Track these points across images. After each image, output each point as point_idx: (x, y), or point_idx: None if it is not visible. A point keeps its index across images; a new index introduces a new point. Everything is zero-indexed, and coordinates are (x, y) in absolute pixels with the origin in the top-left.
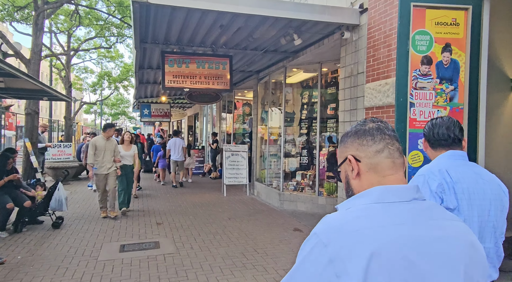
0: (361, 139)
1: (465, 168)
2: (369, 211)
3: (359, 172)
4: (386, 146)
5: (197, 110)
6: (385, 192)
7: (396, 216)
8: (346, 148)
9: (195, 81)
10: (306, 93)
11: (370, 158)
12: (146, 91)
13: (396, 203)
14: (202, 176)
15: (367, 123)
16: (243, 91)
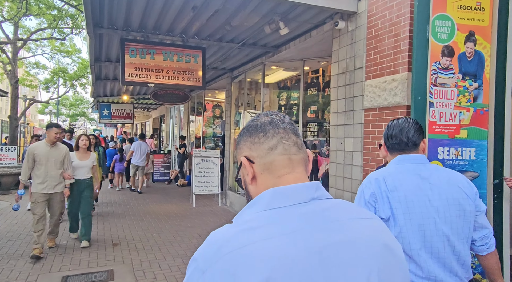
0: (253, 137)
1: (409, 174)
2: (256, 221)
3: (254, 175)
4: (280, 141)
5: (163, 111)
6: (275, 195)
7: (287, 223)
8: (240, 150)
9: (161, 75)
10: (284, 94)
11: (262, 157)
12: (106, 88)
13: (290, 207)
14: (167, 183)
15: (260, 118)
16: (214, 91)
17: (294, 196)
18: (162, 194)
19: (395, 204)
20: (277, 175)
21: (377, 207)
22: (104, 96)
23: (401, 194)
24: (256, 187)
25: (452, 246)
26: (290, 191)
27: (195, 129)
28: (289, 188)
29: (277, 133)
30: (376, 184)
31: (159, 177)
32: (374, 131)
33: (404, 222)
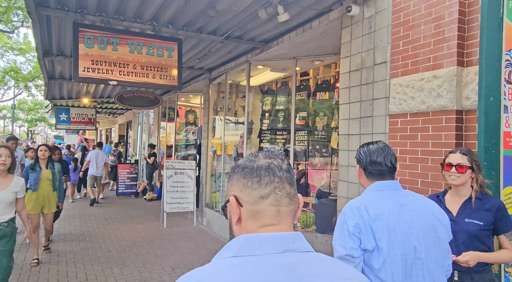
0: (247, 179)
1: (388, 201)
2: (222, 267)
3: (240, 217)
4: (273, 191)
5: (130, 117)
6: (247, 243)
7: (251, 273)
8: (231, 187)
9: (126, 71)
10: (268, 98)
11: (252, 204)
12: (62, 90)
13: (259, 257)
14: (134, 197)
15: (258, 159)
16: (188, 95)
17: (267, 245)
18: (128, 210)
19: (378, 234)
20: (261, 224)
21: (362, 238)
22: (61, 98)
23: (384, 223)
24: (240, 230)
25: (432, 275)
26: (262, 240)
27: (166, 136)
28: (262, 236)
29: (272, 181)
30: (358, 214)
31: (124, 190)
32: (405, 144)
33: (388, 252)
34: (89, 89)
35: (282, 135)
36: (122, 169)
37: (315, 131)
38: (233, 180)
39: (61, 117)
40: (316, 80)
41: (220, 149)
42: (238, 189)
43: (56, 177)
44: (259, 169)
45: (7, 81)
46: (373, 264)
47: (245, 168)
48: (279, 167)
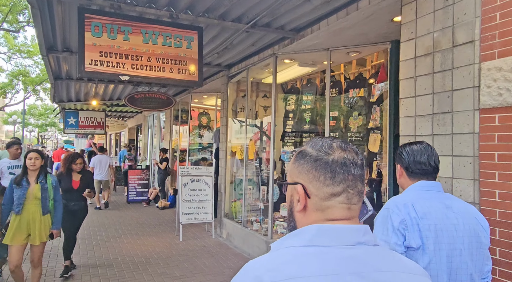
0: (319, 173)
1: (434, 201)
2: (295, 256)
3: (306, 208)
4: (345, 190)
5: (141, 120)
6: (320, 233)
7: (326, 264)
8: (298, 172)
9: (140, 64)
10: (292, 97)
11: (322, 199)
12: (69, 91)
13: (332, 248)
14: (145, 205)
15: (333, 152)
16: (201, 95)
17: (339, 237)
18: (139, 220)
19: (425, 233)
20: (330, 218)
21: (407, 235)
22: (68, 101)
23: (431, 222)
24: (305, 218)
25: (473, 280)
26: (335, 231)
27: (178, 140)
28: (335, 227)
29: (346, 180)
30: (405, 210)
31: (135, 197)
32: (506, 147)
33: (434, 252)
34: (98, 90)
35: (309, 137)
36: (133, 175)
37: (349, 133)
38: (301, 168)
39: (69, 121)
40: (349, 75)
41: (240, 154)
42: (307, 179)
43: (48, 194)
44: (334, 164)
45: (15, 84)
46: (417, 262)
47: (318, 160)
48: (354, 163)
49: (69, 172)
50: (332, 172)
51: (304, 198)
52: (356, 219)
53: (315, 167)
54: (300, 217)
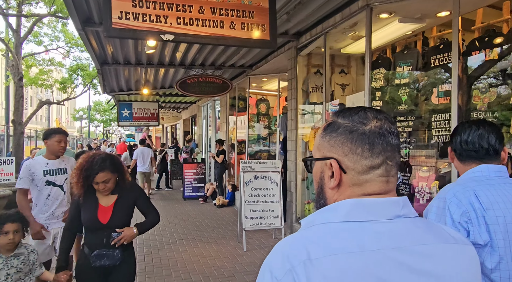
0: (355, 145)
1: (502, 189)
2: (330, 233)
3: (340, 183)
4: (384, 161)
5: (195, 111)
6: (356, 208)
7: (367, 240)
8: (331, 145)
9: (189, 18)
10: (380, 71)
11: (360, 173)
12: (119, 79)
13: (370, 223)
14: (202, 202)
15: (369, 121)
16: (261, 78)
17: (377, 211)
18: (196, 220)
19: (493, 227)
20: (367, 193)
21: (471, 229)
22: (120, 91)
23: (499, 213)
24: (337, 195)
25: None
26: (373, 205)
27: (235, 130)
28: (372, 201)
29: (385, 150)
30: (467, 200)
31: (191, 193)
32: None
33: (505, 250)
34: (148, 77)
35: (406, 121)
36: (188, 169)
37: (473, 113)
38: (334, 141)
39: (123, 113)
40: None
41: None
42: (342, 153)
43: None
44: (372, 135)
45: (74, 79)
46: (484, 262)
47: (353, 131)
48: (391, 133)
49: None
50: (370, 143)
51: (339, 173)
52: (394, 191)
53: (351, 139)
54: (333, 194)
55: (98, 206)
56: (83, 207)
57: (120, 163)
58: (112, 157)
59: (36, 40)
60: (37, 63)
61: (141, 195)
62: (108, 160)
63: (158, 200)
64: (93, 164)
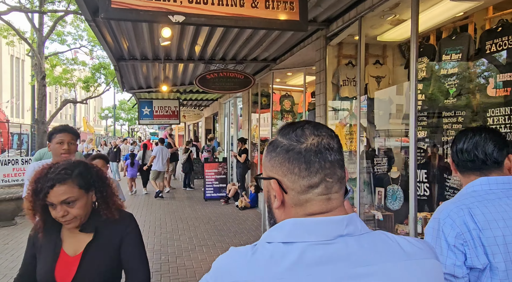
0: (292, 165)
1: (503, 204)
2: (264, 254)
3: (284, 203)
4: (323, 180)
5: (216, 108)
6: (295, 228)
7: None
8: (272, 166)
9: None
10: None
11: (299, 193)
12: (137, 76)
13: (309, 245)
14: (224, 203)
15: (306, 138)
16: (284, 73)
17: (317, 231)
18: (217, 224)
19: (491, 248)
20: (309, 213)
21: (468, 252)
22: (139, 88)
23: (498, 233)
24: (284, 215)
25: None
26: (312, 225)
27: (258, 128)
28: (312, 221)
29: (323, 168)
30: (460, 220)
31: (212, 194)
32: None
33: (506, 273)
34: (167, 73)
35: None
36: (209, 168)
37: None
38: (274, 161)
39: (143, 111)
40: None
41: (346, 142)
42: (281, 173)
43: None
44: (308, 153)
45: (97, 78)
46: None
47: (289, 150)
48: (330, 149)
49: (54, 227)
50: (307, 162)
51: (280, 193)
52: (341, 209)
53: (288, 158)
54: (280, 214)
55: (58, 254)
56: (38, 252)
57: (101, 176)
58: (84, 164)
59: (60, 39)
60: (61, 62)
61: (133, 232)
62: (76, 167)
63: (180, 200)
64: (49, 172)
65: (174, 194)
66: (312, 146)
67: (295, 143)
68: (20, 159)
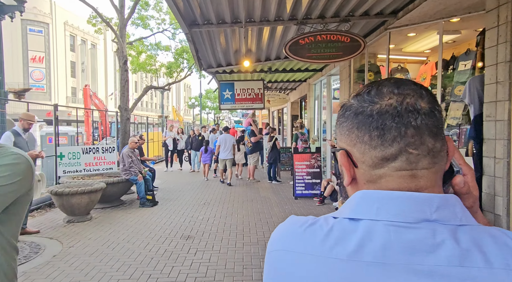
0: (362, 131)
1: None
2: (324, 228)
3: (356, 180)
4: (403, 150)
5: (305, 90)
6: (363, 202)
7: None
8: (340, 134)
9: None
10: None
11: (370, 166)
12: (215, 49)
13: (380, 224)
14: (319, 203)
15: (381, 98)
16: (406, 32)
17: (390, 208)
18: None
19: None
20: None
21: None
22: (218, 66)
23: None
24: (355, 192)
25: None
26: (386, 200)
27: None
28: (386, 195)
29: (403, 136)
30: None
31: (303, 191)
32: None
33: None
34: (249, 45)
35: None
36: (300, 161)
37: None
38: (342, 128)
39: (224, 95)
40: None
41: None
42: (350, 142)
43: None
44: (381, 117)
45: (180, 63)
46: None
47: (358, 113)
48: (415, 111)
49: None
50: (380, 128)
51: (349, 167)
52: (433, 189)
53: (357, 124)
54: (352, 192)
55: None
56: None
57: None
58: None
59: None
60: (145, 49)
61: None
62: None
63: (266, 197)
64: None
65: (259, 188)
66: (388, 107)
67: (366, 104)
68: (101, 147)
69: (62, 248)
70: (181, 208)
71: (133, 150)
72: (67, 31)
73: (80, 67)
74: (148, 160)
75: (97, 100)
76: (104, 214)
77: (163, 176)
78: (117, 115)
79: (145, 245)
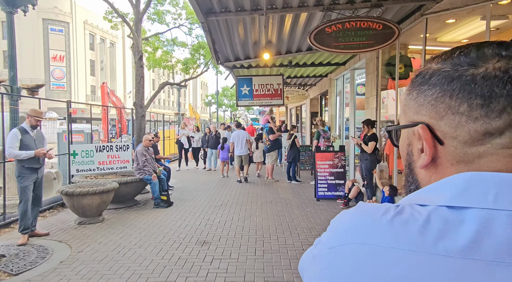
0: (458, 100)
1: None
2: (415, 220)
3: (437, 160)
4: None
5: (326, 86)
6: (472, 185)
7: (479, 243)
8: (418, 105)
9: None
10: None
11: (465, 143)
12: (233, 40)
13: (494, 213)
14: (343, 206)
15: (485, 61)
16: (444, 18)
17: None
18: None
19: None
20: None
21: None
22: (236, 60)
23: None
24: (434, 177)
25: None
26: (508, 185)
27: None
28: (508, 179)
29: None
30: None
31: (326, 192)
32: None
33: None
34: (269, 36)
35: None
36: (322, 160)
37: None
38: (423, 98)
39: (242, 91)
40: None
41: None
42: (435, 114)
43: None
44: (487, 82)
45: (196, 59)
46: None
47: (454, 78)
48: None
49: None
50: (485, 95)
51: (432, 145)
52: None
53: (450, 91)
54: (427, 177)
55: None
56: None
57: None
58: None
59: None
60: (161, 45)
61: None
62: None
63: (286, 198)
64: None
65: (278, 188)
66: (496, 70)
67: (466, 67)
68: (115, 145)
69: (70, 253)
70: (196, 210)
71: (147, 148)
72: (86, 30)
73: (99, 65)
74: (163, 158)
75: (115, 98)
76: (117, 215)
77: (179, 174)
78: (133, 112)
79: (158, 251)
